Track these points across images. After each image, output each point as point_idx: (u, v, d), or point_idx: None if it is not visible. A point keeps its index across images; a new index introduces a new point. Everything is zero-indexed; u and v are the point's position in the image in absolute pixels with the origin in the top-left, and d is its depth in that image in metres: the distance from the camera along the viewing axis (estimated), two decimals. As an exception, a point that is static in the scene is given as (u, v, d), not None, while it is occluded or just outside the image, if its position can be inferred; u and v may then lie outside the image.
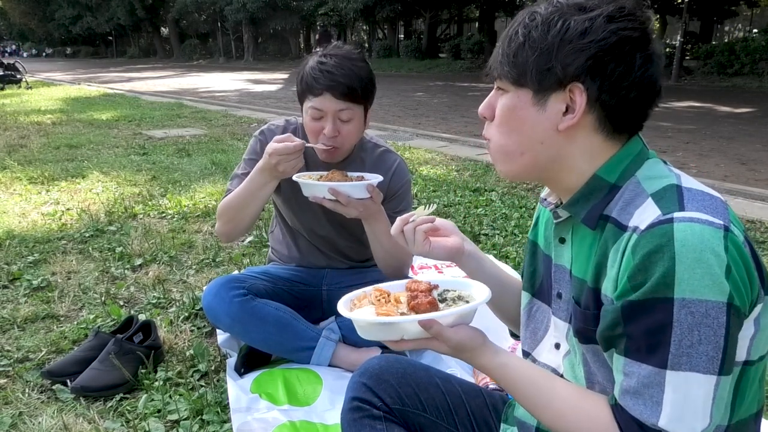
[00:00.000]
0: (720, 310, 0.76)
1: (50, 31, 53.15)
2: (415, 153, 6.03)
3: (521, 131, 0.91)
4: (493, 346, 0.96)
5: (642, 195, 0.86)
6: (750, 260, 0.79)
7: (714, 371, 0.77)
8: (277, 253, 2.16)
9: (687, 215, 0.78)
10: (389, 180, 1.92)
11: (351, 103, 1.72)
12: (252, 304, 1.84)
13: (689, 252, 0.75)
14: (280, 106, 11.04)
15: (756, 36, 15.81)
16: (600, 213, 0.89)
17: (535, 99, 0.88)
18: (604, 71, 0.83)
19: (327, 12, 27.89)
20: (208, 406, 1.73)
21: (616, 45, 0.82)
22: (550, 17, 0.85)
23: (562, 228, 0.98)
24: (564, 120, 0.87)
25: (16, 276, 2.72)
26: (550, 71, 0.85)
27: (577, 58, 0.83)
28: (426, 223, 1.11)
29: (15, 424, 1.68)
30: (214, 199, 4.07)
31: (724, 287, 0.75)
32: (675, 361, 0.77)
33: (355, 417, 1.13)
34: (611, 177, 0.89)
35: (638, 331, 0.80)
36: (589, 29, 0.83)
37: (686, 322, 0.76)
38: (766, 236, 3.27)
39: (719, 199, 0.84)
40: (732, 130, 7.79)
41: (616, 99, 0.85)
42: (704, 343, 0.76)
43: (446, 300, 1.01)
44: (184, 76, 22.28)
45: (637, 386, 0.80)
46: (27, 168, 5.13)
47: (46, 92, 13.80)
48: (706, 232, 0.76)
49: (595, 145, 0.89)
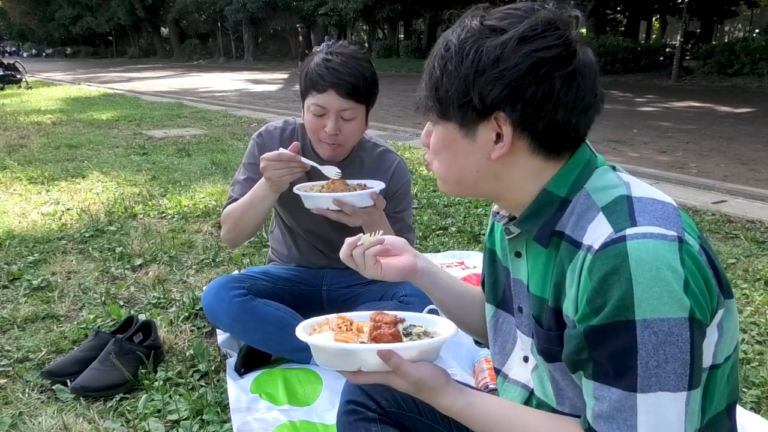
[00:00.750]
0: (683, 326, 0.74)
1: (50, 31, 53.16)
2: (415, 153, 6.04)
3: (455, 161, 0.89)
4: (457, 385, 0.91)
5: (593, 208, 0.83)
6: (707, 269, 0.78)
7: (683, 388, 0.76)
8: (277, 253, 2.16)
9: (639, 231, 0.76)
10: (389, 180, 1.92)
11: (354, 102, 1.72)
12: (252, 304, 1.84)
13: (645, 271, 0.73)
14: (280, 106, 11.04)
15: (756, 36, 15.80)
16: (552, 229, 0.87)
17: (463, 131, 0.86)
18: (524, 97, 0.80)
19: (327, 12, 27.91)
20: (208, 406, 1.73)
21: (532, 68, 0.79)
22: (463, 46, 0.82)
23: (516, 242, 0.96)
24: (495, 149, 0.84)
25: (16, 276, 2.71)
26: (469, 104, 0.83)
27: (494, 88, 0.80)
28: (375, 245, 1.06)
29: (15, 424, 1.68)
30: (214, 199, 4.07)
31: (684, 303, 0.74)
32: (644, 384, 0.75)
33: (350, 420, 1.13)
34: (561, 191, 0.86)
35: (604, 355, 0.78)
36: (500, 56, 0.79)
37: (650, 342, 0.74)
38: (766, 236, 3.27)
39: (670, 205, 0.82)
40: (732, 130, 7.79)
41: (542, 123, 0.82)
42: (671, 362, 0.74)
43: (411, 335, 0.97)
44: (184, 76, 22.28)
45: (609, 411, 0.78)
46: (27, 168, 5.13)
47: (46, 92, 13.80)
48: (661, 248, 0.74)
49: (536, 167, 0.87)
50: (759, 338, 2.15)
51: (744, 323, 2.24)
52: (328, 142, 1.76)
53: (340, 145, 1.78)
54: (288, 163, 1.67)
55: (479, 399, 0.91)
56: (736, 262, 2.88)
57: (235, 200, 1.88)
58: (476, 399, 0.91)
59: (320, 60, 1.72)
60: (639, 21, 23.06)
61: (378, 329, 0.93)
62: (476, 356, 1.91)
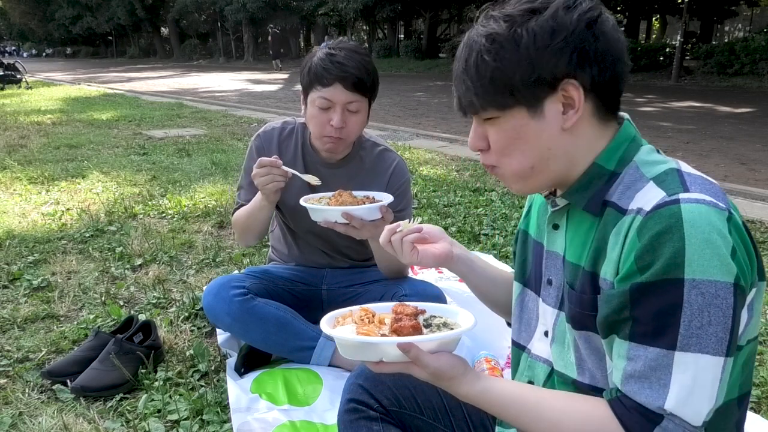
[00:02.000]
0: (728, 291, 0.76)
1: (50, 31, 53.12)
2: (415, 153, 6.03)
3: (527, 147, 0.90)
4: (475, 373, 0.93)
5: (642, 179, 0.86)
6: (750, 244, 0.81)
7: (722, 353, 0.77)
8: (278, 252, 2.16)
9: (693, 196, 0.79)
10: (389, 179, 1.93)
11: (359, 95, 1.74)
12: (252, 304, 1.84)
13: (698, 233, 0.76)
14: (280, 106, 11.04)
15: (756, 36, 15.79)
16: (603, 199, 0.89)
17: (531, 113, 0.87)
18: (590, 58, 0.84)
19: (327, 12, 27.89)
20: (208, 406, 1.73)
21: (588, 28, 0.83)
22: (512, 31, 0.85)
23: (556, 215, 0.98)
24: (568, 118, 0.87)
25: (16, 276, 2.72)
26: (538, 81, 0.85)
27: (561, 57, 0.84)
28: (413, 233, 1.10)
29: (15, 424, 1.68)
30: (214, 199, 4.07)
31: (731, 268, 0.76)
32: (684, 342, 0.76)
33: (351, 418, 1.13)
34: (610, 164, 0.90)
35: (646, 313, 0.79)
36: (555, 27, 0.83)
37: (696, 303, 0.76)
38: (766, 236, 3.27)
39: (717, 185, 0.85)
40: (732, 130, 7.79)
41: (608, 77, 0.86)
42: (714, 324, 0.76)
43: (431, 326, 0.98)
44: (184, 76, 22.28)
45: (643, 369, 0.79)
46: (27, 168, 5.13)
47: (46, 92, 13.80)
48: (713, 214, 0.77)
49: (596, 132, 0.90)
50: (759, 338, 2.14)
51: (744, 323, 2.24)
52: (332, 136, 1.76)
53: (342, 140, 1.79)
54: (270, 169, 1.68)
55: (497, 384, 0.92)
56: (736, 262, 2.88)
57: (241, 206, 1.93)
58: (494, 384, 0.92)
59: (323, 55, 1.74)
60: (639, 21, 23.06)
61: (399, 321, 0.95)
62: (476, 356, 1.91)
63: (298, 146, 1.94)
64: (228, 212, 3.65)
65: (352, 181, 1.92)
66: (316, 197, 1.74)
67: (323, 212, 1.63)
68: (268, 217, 1.88)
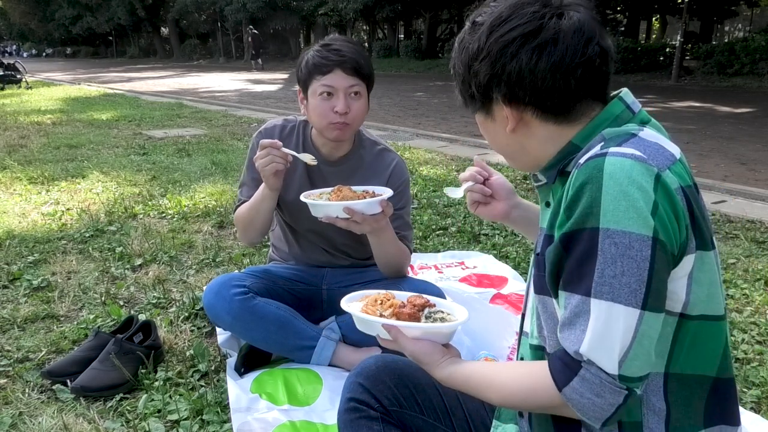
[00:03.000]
0: (644, 243, 0.77)
1: (50, 31, 53.11)
2: (415, 153, 6.03)
3: (493, 142, 1.03)
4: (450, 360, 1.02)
5: (600, 143, 0.89)
6: (681, 206, 0.81)
7: (637, 304, 0.78)
8: (278, 250, 2.16)
9: (620, 150, 0.82)
10: (388, 177, 1.94)
11: (359, 79, 1.78)
12: (253, 303, 1.84)
13: (615, 184, 0.78)
14: (280, 106, 11.03)
15: (756, 36, 15.78)
16: (560, 169, 0.95)
17: (485, 115, 0.99)
18: (502, 77, 0.90)
19: (327, 12, 27.88)
20: (208, 406, 1.73)
21: (501, 51, 0.89)
22: (459, 45, 0.96)
23: (545, 192, 1.02)
24: (508, 124, 0.95)
25: (16, 276, 2.71)
26: (473, 94, 0.96)
27: (480, 77, 0.92)
28: (477, 192, 1.24)
29: (15, 424, 1.68)
30: (214, 199, 4.07)
31: (648, 221, 0.77)
32: (598, 290, 0.79)
33: (351, 418, 1.13)
34: (584, 142, 0.93)
35: (571, 261, 0.83)
36: (478, 48, 0.91)
37: (609, 252, 0.78)
38: (766, 236, 3.27)
39: (668, 151, 0.86)
40: (732, 130, 7.79)
41: (528, 93, 0.90)
42: (627, 275, 0.77)
43: (429, 318, 1.08)
44: (184, 76, 22.28)
45: (569, 316, 0.83)
46: (27, 168, 5.13)
47: (46, 92, 13.80)
48: (636, 168, 0.79)
49: (552, 132, 0.94)
50: (759, 338, 2.15)
51: (744, 323, 2.24)
52: (338, 122, 1.78)
53: (348, 125, 1.81)
54: (270, 150, 1.70)
55: (462, 365, 1.01)
56: (736, 262, 2.87)
57: (243, 203, 1.93)
58: (459, 366, 1.01)
59: (319, 47, 1.79)
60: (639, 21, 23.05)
61: (403, 308, 1.08)
62: (477, 356, 1.91)
63: (300, 143, 1.94)
64: (228, 212, 3.65)
65: (351, 179, 1.93)
66: (316, 193, 1.75)
67: (324, 207, 1.63)
68: (270, 210, 1.87)
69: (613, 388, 0.79)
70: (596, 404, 0.81)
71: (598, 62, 0.90)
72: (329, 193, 1.71)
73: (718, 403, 0.92)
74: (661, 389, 0.87)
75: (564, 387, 0.83)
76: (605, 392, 0.80)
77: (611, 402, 0.80)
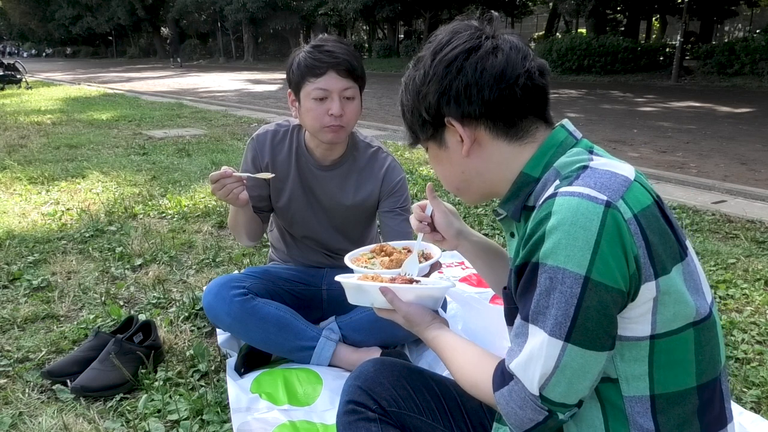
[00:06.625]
0: (575, 282, 0.81)
1: (50, 31, 53.09)
2: (415, 153, 6.03)
3: (446, 172, 1.04)
4: (439, 324, 1.09)
5: (556, 178, 0.92)
6: (631, 238, 0.82)
7: (560, 336, 0.83)
8: (277, 251, 2.16)
9: (570, 189, 0.85)
10: (383, 178, 1.95)
11: (352, 80, 1.76)
12: (252, 304, 1.84)
13: (559, 224, 0.82)
14: (280, 106, 11.03)
15: (756, 36, 15.78)
16: (524, 204, 0.97)
17: (437, 144, 1.01)
18: (450, 93, 0.94)
19: (327, 12, 27.88)
20: (208, 406, 1.73)
21: (446, 68, 0.93)
22: (407, 79, 1.00)
23: (508, 224, 1.05)
24: (464, 146, 0.97)
25: (16, 276, 2.71)
26: (425, 121, 0.98)
27: (430, 99, 0.95)
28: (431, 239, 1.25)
29: (15, 424, 1.68)
30: (214, 199, 4.07)
31: (583, 261, 0.81)
32: (533, 317, 0.86)
33: (350, 420, 1.13)
34: (535, 172, 0.95)
35: (520, 287, 0.89)
36: (425, 74, 0.96)
37: (544, 285, 0.84)
38: (766, 236, 3.27)
39: (623, 176, 0.88)
40: (732, 130, 7.79)
41: (477, 106, 0.93)
42: (554, 308, 0.83)
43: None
44: (184, 76, 22.28)
45: (515, 333, 0.91)
46: (27, 168, 5.13)
47: (46, 92, 13.80)
48: (582, 206, 0.82)
49: (506, 152, 0.97)
50: (759, 338, 2.15)
51: (744, 323, 2.24)
52: (333, 125, 1.76)
53: (342, 128, 1.79)
54: (223, 181, 1.68)
55: (446, 334, 1.07)
56: (736, 262, 2.87)
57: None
58: (443, 333, 1.07)
59: (310, 48, 1.75)
60: (639, 21, 23.04)
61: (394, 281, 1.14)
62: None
63: (292, 148, 1.93)
64: (228, 212, 3.65)
65: (346, 182, 1.92)
66: (357, 254, 1.41)
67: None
68: (250, 220, 1.89)
69: (535, 406, 0.87)
70: (518, 415, 0.88)
71: (537, 74, 0.94)
72: (370, 253, 1.41)
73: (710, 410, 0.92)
74: (648, 411, 0.89)
75: (496, 391, 0.91)
76: (527, 407, 0.87)
77: (531, 417, 0.88)
